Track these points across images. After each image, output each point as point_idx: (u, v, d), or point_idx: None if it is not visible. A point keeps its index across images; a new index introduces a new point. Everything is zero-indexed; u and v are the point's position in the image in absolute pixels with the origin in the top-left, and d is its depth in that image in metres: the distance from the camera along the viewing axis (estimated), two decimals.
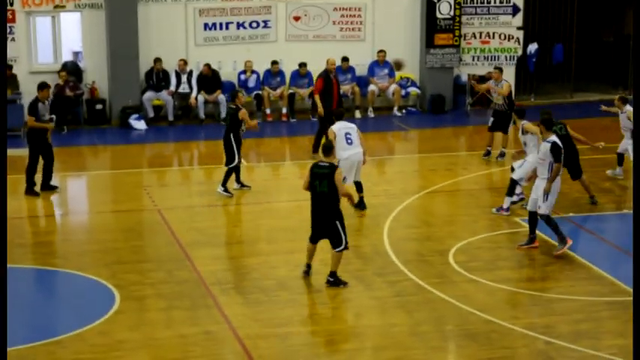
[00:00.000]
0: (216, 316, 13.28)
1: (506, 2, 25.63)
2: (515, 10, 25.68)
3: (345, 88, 24.64)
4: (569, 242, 15.31)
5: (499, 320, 13.05)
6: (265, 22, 24.95)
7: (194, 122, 24.27)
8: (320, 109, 20.69)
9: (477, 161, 21.11)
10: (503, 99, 20.55)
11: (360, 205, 17.27)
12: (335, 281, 14.00)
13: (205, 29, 24.67)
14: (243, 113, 18.14)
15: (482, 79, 25.45)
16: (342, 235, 13.83)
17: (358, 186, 17.41)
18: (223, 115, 23.26)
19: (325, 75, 21.18)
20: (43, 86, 18.67)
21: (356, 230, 16.76)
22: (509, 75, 25.75)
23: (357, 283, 14.42)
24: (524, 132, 17.08)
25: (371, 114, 24.85)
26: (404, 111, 25.24)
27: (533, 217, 15.44)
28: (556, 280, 14.60)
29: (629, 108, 18.66)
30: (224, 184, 18.31)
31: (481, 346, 12.38)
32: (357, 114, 24.75)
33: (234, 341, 12.56)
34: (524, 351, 12.30)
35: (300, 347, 12.46)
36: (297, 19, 25.11)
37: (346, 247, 13.95)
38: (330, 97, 20.90)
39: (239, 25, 24.85)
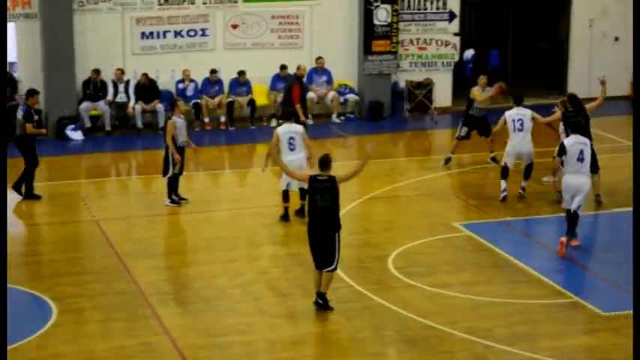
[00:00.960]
0: (155, 327, 13.20)
1: (443, 9, 25.84)
2: (452, 16, 25.89)
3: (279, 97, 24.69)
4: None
5: (438, 325, 13.13)
6: (203, 30, 24.86)
7: (132, 132, 24.09)
8: (302, 117, 20.70)
9: (415, 167, 21.26)
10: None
11: (301, 213, 17.24)
12: (324, 304, 13.51)
13: (142, 38, 24.50)
14: (169, 124, 17.96)
15: (420, 85, 25.65)
16: (337, 252, 13.40)
17: (302, 193, 17.37)
18: (161, 124, 23.13)
19: (299, 81, 21.53)
20: (32, 93, 18.84)
21: (296, 238, 16.78)
22: (446, 81, 26.04)
23: (297, 291, 14.43)
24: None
25: (310, 121, 24.75)
26: (342, 118, 25.31)
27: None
28: (494, 283, 14.68)
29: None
30: (169, 195, 18.22)
31: (420, 351, 12.44)
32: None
33: (174, 352, 12.50)
34: (463, 355, 12.39)
35: (241, 356, 12.45)
36: (235, 27, 25.05)
37: (335, 268, 13.50)
38: (303, 103, 21.35)
39: (176, 34, 24.72)
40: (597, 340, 12.73)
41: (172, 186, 18.27)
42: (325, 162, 13.47)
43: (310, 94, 24.95)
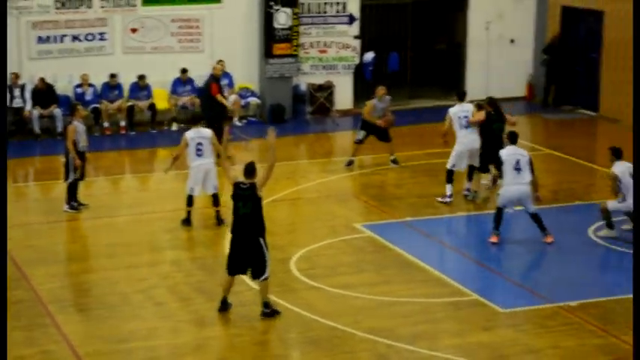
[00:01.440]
0: (54, 335, 13.00)
1: (343, 12, 25.97)
2: (352, 19, 26.05)
3: (185, 99, 24.56)
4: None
5: (341, 325, 13.19)
6: (101, 34, 24.57)
7: (30, 137, 23.69)
8: (227, 104, 21.43)
9: (317, 169, 21.32)
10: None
11: (218, 220, 17.20)
12: (271, 312, 13.37)
13: (39, 42, 24.13)
14: (69, 129, 17.76)
15: (321, 88, 25.74)
16: (267, 259, 13.25)
17: (215, 199, 17.32)
18: (59, 129, 22.80)
19: (216, 80, 21.75)
20: None
21: (198, 242, 16.70)
22: (346, 83, 26.18)
23: (199, 295, 14.37)
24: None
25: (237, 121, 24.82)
26: (244, 121, 25.27)
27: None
28: (395, 283, 14.78)
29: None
30: (68, 201, 17.98)
31: (324, 352, 12.49)
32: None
33: (74, 359, 12.35)
34: (366, 355, 12.46)
35: None
36: (134, 31, 24.82)
37: (267, 276, 13.32)
38: (217, 102, 21.42)
39: (74, 38, 24.40)
40: (496, 336, 12.92)
41: (72, 192, 18.05)
42: (249, 170, 13.35)
43: None
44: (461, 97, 18.97)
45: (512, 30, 27.24)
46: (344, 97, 26.17)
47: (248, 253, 13.30)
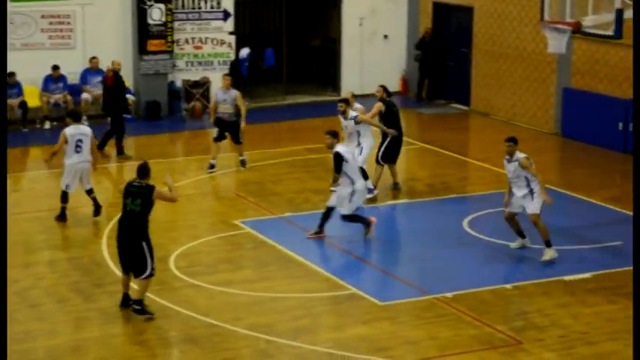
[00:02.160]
0: None
1: (217, 8, 25.91)
2: (226, 15, 26.01)
3: (57, 97, 24.16)
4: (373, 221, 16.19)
5: (221, 323, 13.19)
6: None
7: None
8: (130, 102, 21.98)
9: (194, 166, 21.20)
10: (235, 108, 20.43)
11: (96, 208, 17.22)
12: (141, 310, 13.23)
13: None
14: None
15: (197, 84, 25.63)
16: (148, 259, 13.11)
17: (90, 191, 17.29)
18: None
19: (115, 74, 21.75)
20: None
21: (74, 242, 16.46)
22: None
23: (75, 295, 14.18)
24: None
25: (85, 122, 24.33)
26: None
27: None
28: (275, 279, 14.82)
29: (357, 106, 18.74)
30: None
31: (204, 350, 12.46)
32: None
33: None
34: (247, 351, 12.49)
35: None
36: None
37: (152, 274, 13.24)
38: (122, 95, 21.87)
39: None
40: (375, 329, 13.05)
41: None
42: (143, 170, 13.21)
43: (85, 95, 24.55)
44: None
45: (386, 26, 27.58)
46: None
47: (129, 252, 13.23)
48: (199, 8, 25.80)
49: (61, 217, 17.16)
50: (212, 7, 25.90)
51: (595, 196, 18.35)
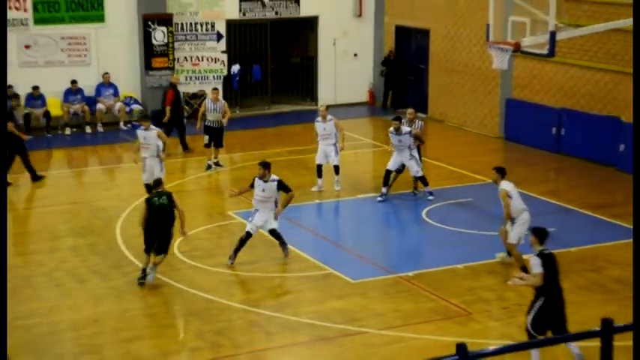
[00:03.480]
0: None
1: (212, 30, 25.93)
2: (219, 36, 26.04)
3: (76, 107, 24.18)
4: None
5: (218, 298, 13.30)
6: None
7: None
8: (168, 115, 21.88)
9: (195, 165, 21.23)
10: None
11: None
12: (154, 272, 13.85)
13: None
14: None
15: (195, 95, 25.66)
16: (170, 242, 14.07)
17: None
18: None
19: (173, 87, 22.16)
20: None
21: (92, 231, 16.52)
22: None
23: (94, 276, 14.27)
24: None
25: (100, 129, 24.46)
26: (129, 125, 24.95)
27: None
28: (263, 261, 14.87)
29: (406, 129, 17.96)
30: None
31: (203, 321, 12.59)
32: (88, 129, 24.29)
33: None
34: (240, 322, 12.62)
35: (45, 336, 12.23)
36: (27, 47, 24.28)
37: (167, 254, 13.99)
38: (178, 105, 22.41)
39: None
40: (349, 303, 13.19)
41: None
42: (156, 183, 14.26)
43: (99, 106, 24.57)
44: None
45: (355, 46, 27.66)
46: None
47: (159, 236, 13.69)
48: (196, 30, 25.83)
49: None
50: (207, 30, 25.93)
51: (533, 190, 18.54)
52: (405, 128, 17.74)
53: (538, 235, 10.92)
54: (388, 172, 17.87)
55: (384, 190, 17.86)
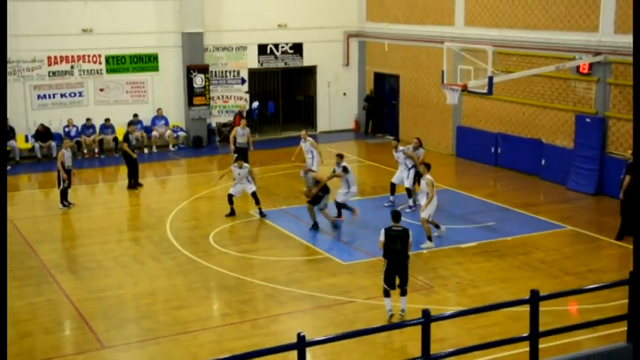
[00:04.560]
0: (55, 289, 12.62)
1: (237, 77, 25.84)
2: (243, 81, 25.93)
3: (137, 134, 23.96)
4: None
5: (242, 276, 13.20)
6: (80, 92, 23.83)
7: (34, 160, 22.69)
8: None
9: (224, 178, 20.99)
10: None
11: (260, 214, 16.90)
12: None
13: (38, 99, 23.25)
14: (59, 154, 17.21)
15: (225, 125, 25.53)
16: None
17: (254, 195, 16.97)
18: (54, 155, 21.91)
19: (240, 114, 22.32)
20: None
21: (148, 226, 16.39)
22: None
23: (151, 260, 14.14)
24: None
25: (155, 150, 24.32)
26: (176, 147, 24.84)
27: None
28: (277, 248, 14.77)
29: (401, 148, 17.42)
30: (61, 201, 17.37)
31: (233, 293, 12.48)
32: (146, 150, 24.16)
33: (69, 304, 12.01)
34: (260, 294, 12.50)
35: (115, 305, 12.10)
36: (102, 90, 24.15)
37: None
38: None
39: (62, 95, 23.61)
40: (341, 280, 13.10)
41: (63, 195, 17.48)
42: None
43: (154, 133, 24.41)
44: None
45: (344, 87, 27.56)
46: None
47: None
48: (226, 77, 25.73)
49: (231, 214, 16.80)
50: (234, 76, 25.83)
51: (478, 193, 18.45)
52: (400, 147, 17.18)
53: (392, 216, 11.43)
54: (392, 184, 17.51)
55: (390, 197, 17.35)
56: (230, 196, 16.76)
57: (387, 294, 11.20)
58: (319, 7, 26.56)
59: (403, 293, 11.26)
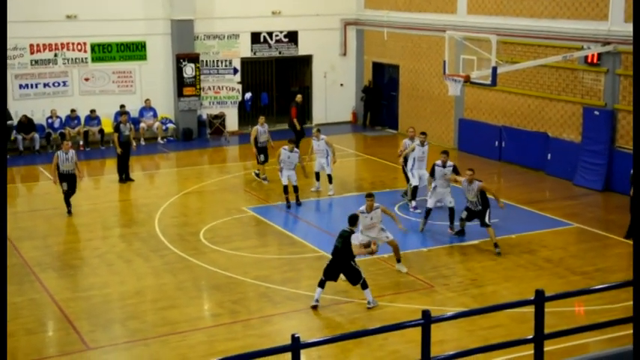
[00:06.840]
0: (37, 288, 12.60)
1: (229, 66, 25.79)
2: (235, 71, 25.89)
3: (129, 125, 23.93)
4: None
5: (235, 275, 13.18)
6: (64, 82, 23.76)
7: (14, 154, 22.61)
8: (297, 126, 21.78)
9: (215, 171, 21.09)
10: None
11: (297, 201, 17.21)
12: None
13: (20, 88, 23.19)
14: (55, 156, 16.90)
15: (216, 116, 25.49)
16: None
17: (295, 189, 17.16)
18: (37, 147, 21.82)
19: (297, 105, 22.17)
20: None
21: (136, 222, 16.36)
22: (233, 113, 26.00)
23: (138, 258, 14.11)
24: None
25: (143, 142, 24.27)
26: (165, 140, 24.81)
27: None
28: (270, 246, 14.81)
29: (323, 136, 17.96)
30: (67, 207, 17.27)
31: (224, 293, 12.46)
32: (134, 143, 24.04)
33: (52, 304, 11.98)
34: (253, 294, 12.49)
35: (100, 305, 12.08)
36: (87, 79, 24.08)
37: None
38: (299, 119, 22.33)
39: (45, 85, 23.54)
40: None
41: (66, 201, 16.97)
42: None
43: (142, 124, 24.37)
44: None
45: (341, 77, 27.56)
46: (232, 122, 25.99)
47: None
48: (217, 66, 25.68)
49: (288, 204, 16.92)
50: (226, 66, 25.78)
51: None
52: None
53: (349, 219, 11.97)
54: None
55: (413, 203, 16.90)
56: (285, 187, 16.90)
57: (320, 284, 11.76)
58: None
59: (363, 287, 11.71)
